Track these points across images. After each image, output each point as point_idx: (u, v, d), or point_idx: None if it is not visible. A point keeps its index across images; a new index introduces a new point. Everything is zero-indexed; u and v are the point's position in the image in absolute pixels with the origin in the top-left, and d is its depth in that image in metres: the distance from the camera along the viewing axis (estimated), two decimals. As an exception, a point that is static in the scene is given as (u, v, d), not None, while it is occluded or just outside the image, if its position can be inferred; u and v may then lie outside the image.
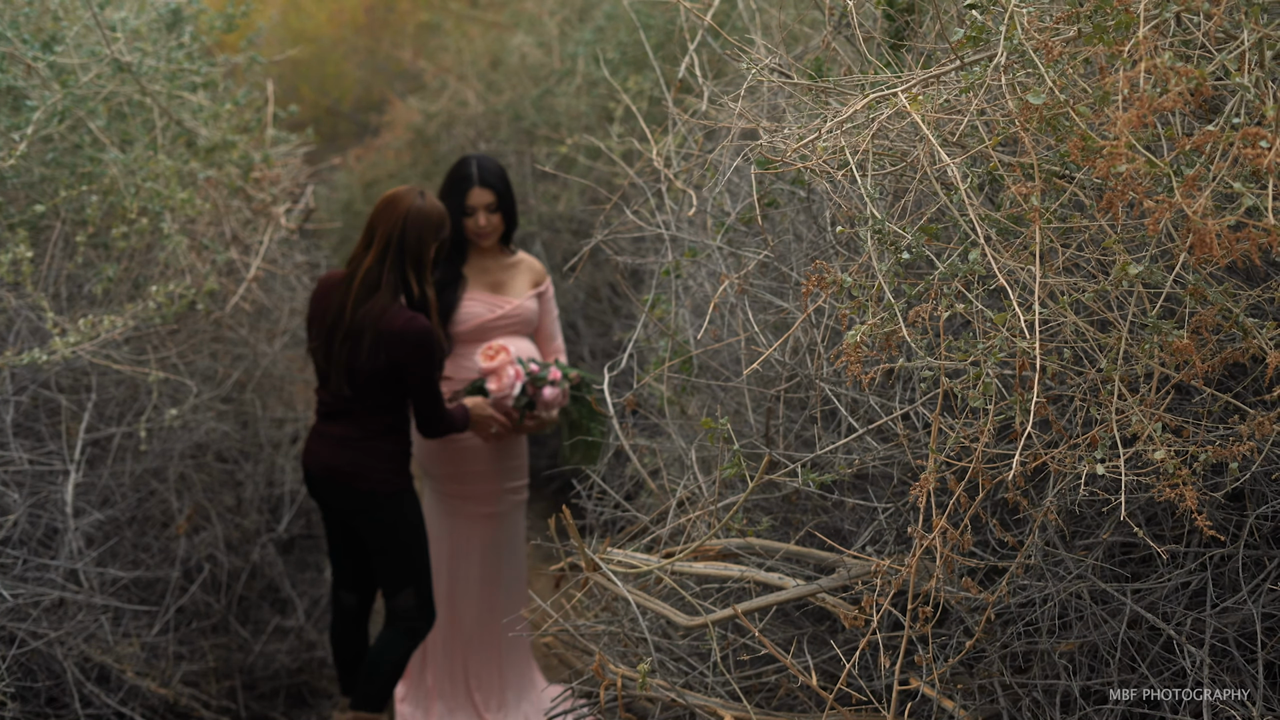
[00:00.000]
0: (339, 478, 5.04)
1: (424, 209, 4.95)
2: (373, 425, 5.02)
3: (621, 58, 7.94)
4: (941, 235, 3.40)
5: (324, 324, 4.96)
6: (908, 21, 4.04)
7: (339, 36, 13.22)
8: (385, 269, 4.90)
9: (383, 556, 5.13)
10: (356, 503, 5.06)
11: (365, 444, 5.02)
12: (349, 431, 5.03)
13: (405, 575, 5.14)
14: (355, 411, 5.01)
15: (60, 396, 5.25)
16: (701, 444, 4.48)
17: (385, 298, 4.88)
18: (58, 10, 5.46)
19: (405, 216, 4.92)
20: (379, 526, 5.08)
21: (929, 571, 3.42)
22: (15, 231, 5.14)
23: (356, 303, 4.89)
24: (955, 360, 3.14)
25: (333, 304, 4.94)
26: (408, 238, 4.91)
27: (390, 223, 4.92)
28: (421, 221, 4.94)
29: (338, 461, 5.03)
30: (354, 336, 4.88)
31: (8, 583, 4.80)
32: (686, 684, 3.92)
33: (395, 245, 4.90)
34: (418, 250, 4.94)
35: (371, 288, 4.89)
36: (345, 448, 5.03)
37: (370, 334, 4.86)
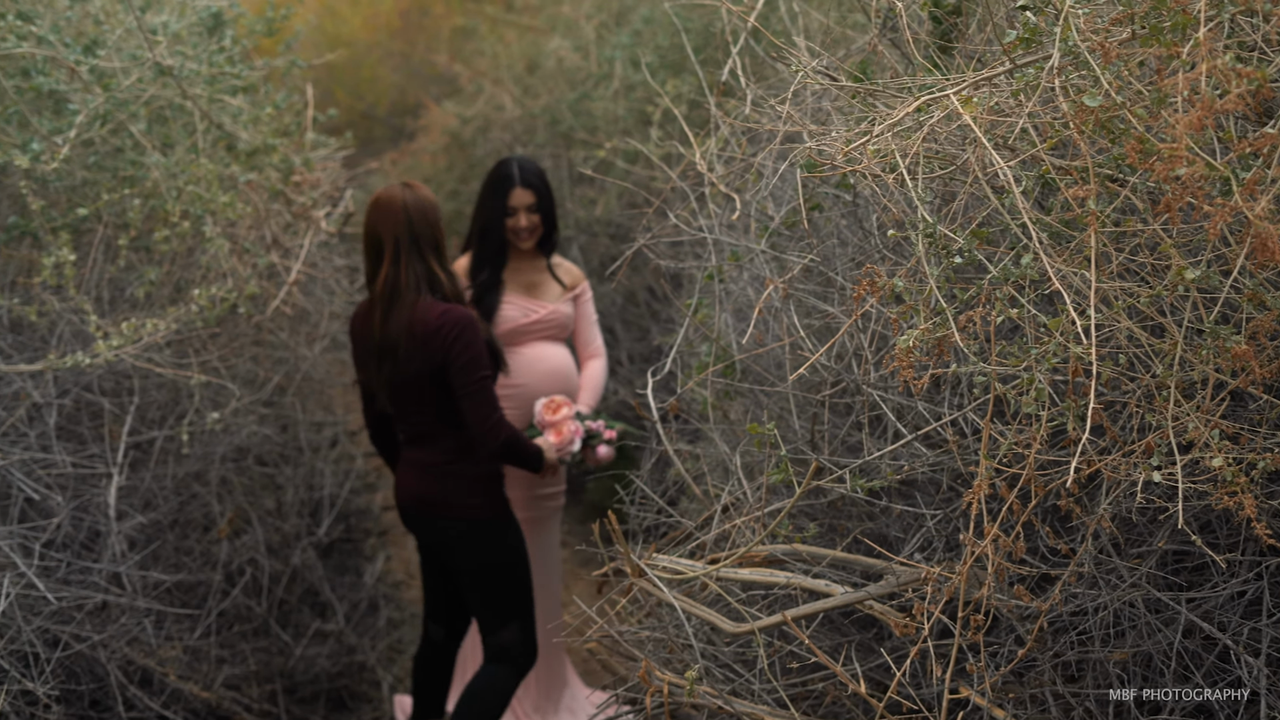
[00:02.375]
0: (426, 508, 4.88)
1: (420, 197, 4.79)
2: (449, 446, 4.84)
3: (659, 61, 7.93)
4: (992, 239, 3.37)
5: (366, 349, 4.84)
6: (955, 23, 4.01)
7: (374, 41, 13.25)
8: (402, 270, 4.72)
9: (479, 591, 4.93)
10: (446, 533, 4.89)
11: (447, 468, 4.85)
12: (429, 457, 4.86)
13: (506, 610, 4.94)
14: (432, 433, 4.85)
15: (103, 399, 5.26)
16: (745, 449, 4.45)
17: (409, 299, 4.71)
18: (99, 14, 5.48)
19: (406, 210, 4.74)
20: (472, 559, 4.88)
21: (980, 579, 3.39)
22: (58, 235, 5.15)
23: (384, 315, 4.74)
24: (1007, 366, 3.10)
25: (368, 331, 4.82)
26: (417, 229, 4.75)
27: (394, 223, 4.75)
28: (424, 209, 4.78)
29: (422, 490, 4.88)
30: (390, 350, 4.73)
31: (52, 585, 4.80)
32: (733, 691, 3.90)
33: (408, 242, 4.73)
34: (432, 238, 4.78)
35: (392, 295, 4.73)
36: (428, 474, 4.87)
37: (405, 339, 4.70)
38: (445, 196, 10.10)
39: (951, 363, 3.34)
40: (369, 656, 6.18)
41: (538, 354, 5.55)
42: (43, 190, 5.27)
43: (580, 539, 7.55)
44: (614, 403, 7.79)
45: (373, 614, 6.41)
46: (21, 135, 5.12)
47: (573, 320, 5.69)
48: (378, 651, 6.24)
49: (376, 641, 6.27)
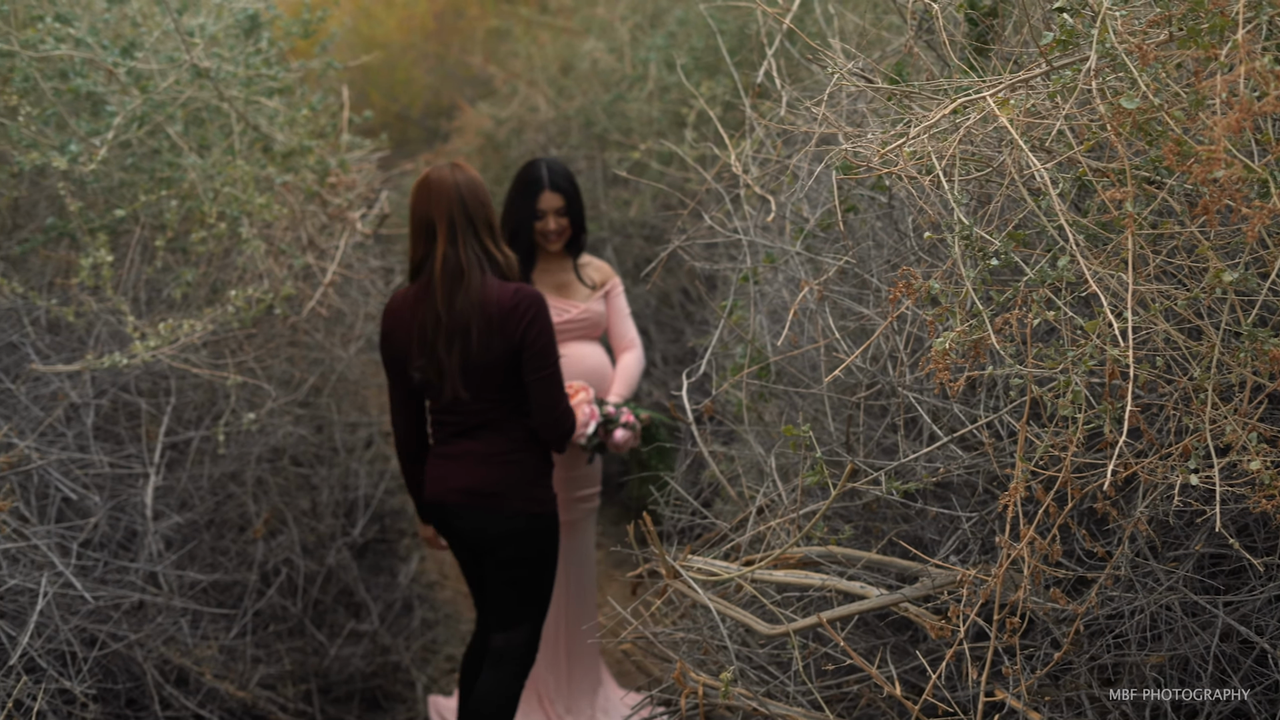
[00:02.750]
0: (480, 501, 4.72)
1: (470, 176, 4.71)
2: (515, 434, 4.72)
3: (694, 63, 7.93)
4: (1028, 241, 3.36)
5: (425, 337, 4.65)
6: (990, 25, 4.00)
7: (409, 43, 13.27)
8: (460, 250, 4.62)
9: (512, 588, 4.81)
10: (499, 527, 4.73)
11: (511, 457, 4.73)
12: (490, 446, 4.71)
13: (529, 610, 4.84)
14: (493, 421, 4.71)
15: (140, 400, 5.29)
16: (780, 451, 4.45)
17: (474, 279, 4.59)
18: (136, 16, 5.51)
19: (458, 189, 4.66)
20: (520, 554, 4.77)
21: (1016, 582, 3.38)
22: (95, 236, 5.18)
23: (448, 296, 4.59)
24: (1044, 368, 3.10)
25: (424, 315, 4.65)
26: (470, 208, 4.66)
27: (446, 203, 4.65)
28: (474, 187, 4.69)
29: (476, 482, 4.71)
30: (460, 332, 4.59)
31: (89, 585, 4.83)
32: (767, 693, 3.90)
33: (462, 221, 4.64)
34: (486, 216, 4.69)
35: (455, 275, 4.60)
36: (487, 465, 4.72)
37: (478, 320, 4.58)
38: (479, 198, 10.11)
39: (987, 365, 3.33)
40: (403, 657, 6.20)
41: (572, 354, 5.55)
42: (80, 191, 5.31)
43: (614, 540, 7.56)
44: (648, 403, 7.79)
45: (407, 614, 6.43)
46: (59, 137, 5.15)
47: (605, 318, 5.69)
48: (412, 652, 6.26)
49: (411, 642, 6.28)
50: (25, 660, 4.61)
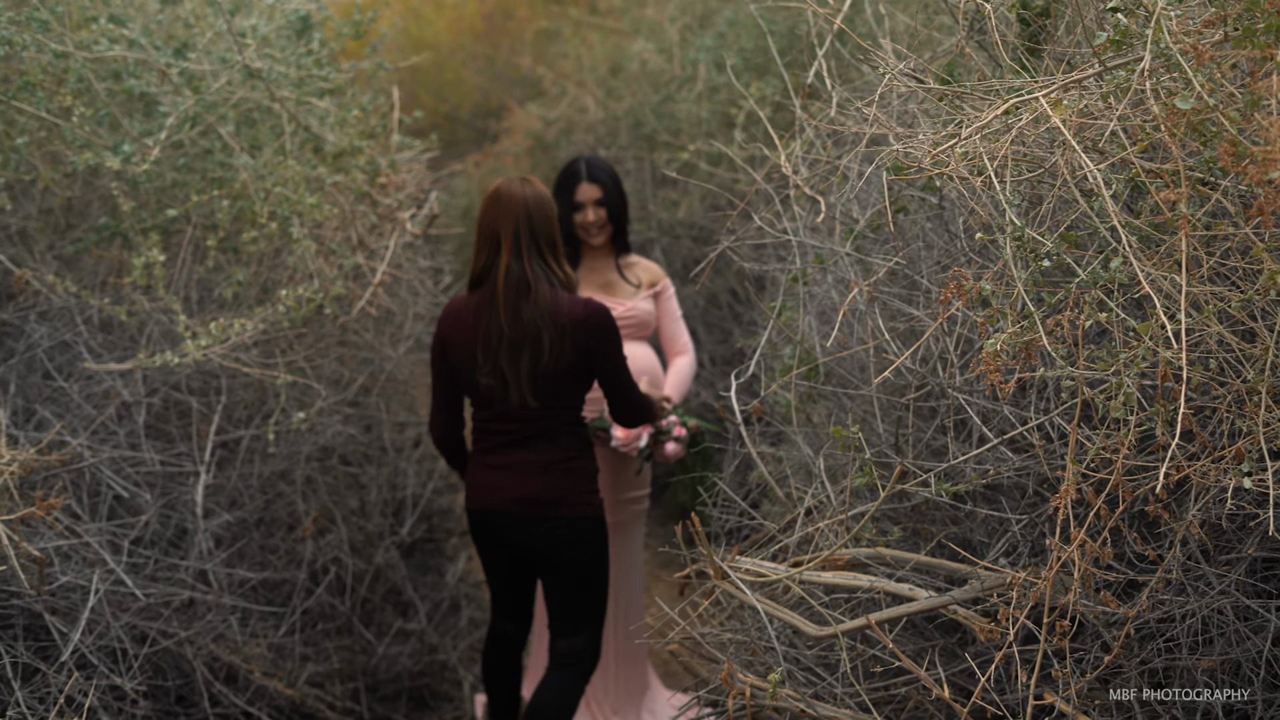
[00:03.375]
0: (539, 508, 4.73)
1: (537, 192, 4.73)
2: (568, 442, 4.75)
3: (743, 64, 7.92)
4: (1080, 243, 3.35)
5: (488, 345, 4.68)
6: (1043, 25, 3.99)
7: (458, 44, 13.31)
8: (525, 264, 4.65)
9: (575, 594, 4.85)
10: (558, 533, 4.75)
11: (569, 464, 4.76)
12: (548, 455, 4.74)
13: (591, 615, 4.88)
14: (550, 430, 4.74)
15: (191, 399, 5.32)
16: (829, 452, 4.44)
17: (543, 291, 4.63)
18: (189, 18, 5.54)
19: (526, 205, 4.68)
20: (581, 558, 4.80)
21: (1066, 585, 3.36)
22: (148, 235, 5.22)
23: (510, 307, 4.62)
24: (1096, 370, 3.08)
25: (489, 325, 4.68)
26: (535, 224, 4.68)
27: (512, 217, 4.67)
28: (541, 204, 4.71)
29: (534, 491, 4.73)
30: (530, 341, 4.62)
31: (140, 582, 4.86)
32: (815, 694, 3.89)
33: (527, 236, 4.66)
34: (549, 233, 4.71)
35: (519, 287, 4.63)
36: (546, 473, 4.74)
37: (550, 330, 4.62)
38: (528, 199, 10.12)
39: (1039, 367, 3.31)
40: (450, 656, 6.21)
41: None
42: (133, 191, 5.34)
43: (661, 541, 7.55)
44: (696, 404, 7.79)
45: (454, 614, 6.44)
46: (113, 137, 5.19)
47: (654, 318, 5.69)
48: (459, 651, 6.27)
49: (458, 641, 6.30)
50: (77, 656, 4.65)
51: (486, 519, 4.85)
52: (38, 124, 5.23)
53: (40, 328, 5.23)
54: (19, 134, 5.20)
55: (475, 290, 4.77)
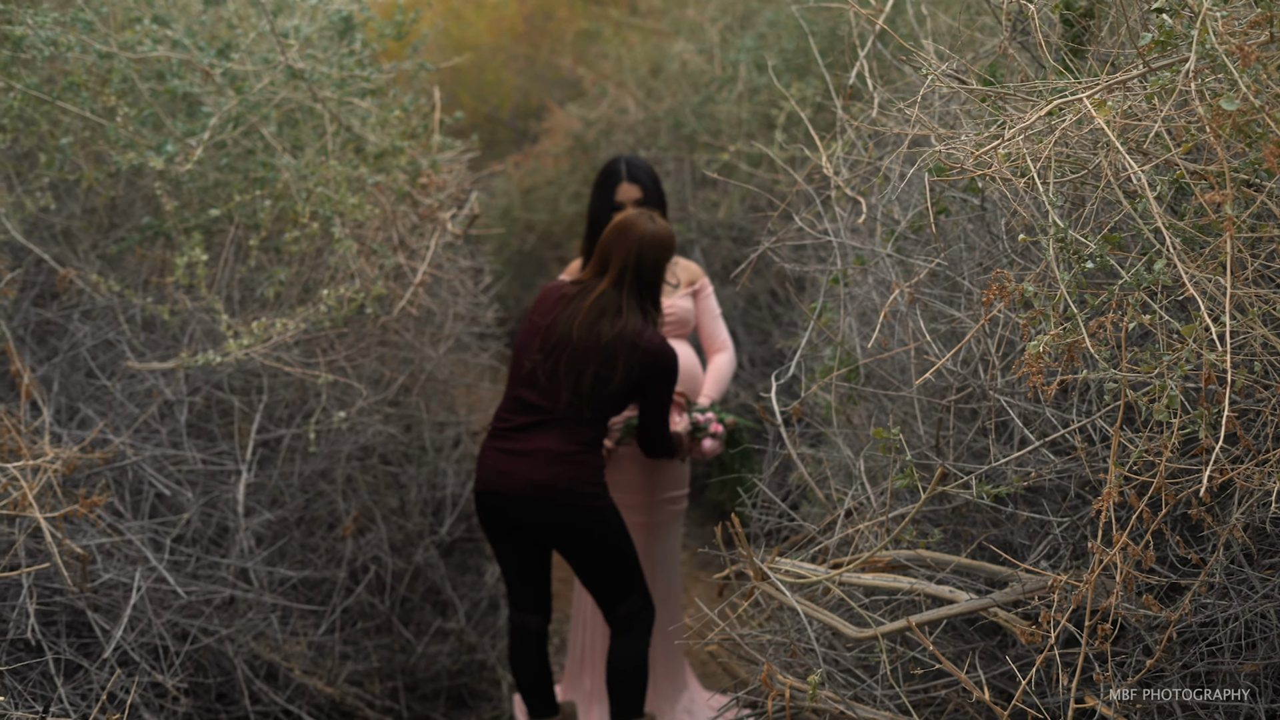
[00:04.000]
0: (554, 495, 4.90)
1: (657, 233, 4.99)
2: (584, 435, 4.93)
3: (784, 64, 7.90)
4: (1124, 244, 3.33)
5: (550, 339, 4.94)
6: (1087, 26, 3.97)
7: (498, 44, 13.30)
8: (624, 294, 4.93)
9: (604, 570, 5.04)
10: (572, 520, 4.93)
11: (578, 457, 4.91)
12: (562, 444, 4.91)
13: (628, 582, 5.06)
14: (565, 424, 4.93)
15: (233, 397, 5.34)
16: (869, 454, 4.43)
17: (634, 320, 4.91)
18: (232, 18, 5.57)
19: (640, 242, 4.96)
20: (598, 540, 4.98)
21: (1107, 588, 3.35)
22: (190, 235, 5.24)
23: (587, 324, 4.88)
24: (1139, 372, 3.07)
25: (560, 319, 4.95)
26: (644, 263, 4.96)
27: (625, 249, 4.95)
28: (656, 245, 4.98)
29: (549, 478, 4.89)
30: (602, 359, 4.86)
31: (181, 580, 4.89)
32: (854, 696, 3.88)
33: (633, 270, 4.94)
34: (654, 275, 4.99)
35: (609, 310, 4.90)
36: (558, 461, 4.90)
37: (627, 353, 4.86)
38: (568, 199, 10.13)
39: (1081, 369, 3.30)
40: (489, 655, 6.22)
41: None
42: (176, 191, 5.37)
43: (700, 541, 7.54)
44: (735, 405, 7.78)
45: (493, 613, 6.45)
46: (156, 137, 5.22)
47: (693, 316, 5.70)
48: (498, 651, 6.28)
49: (497, 641, 6.30)
50: (119, 653, 4.68)
51: (495, 501, 5.00)
52: (82, 124, 5.27)
53: (84, 326, 5.26)
54: (64, 134, 5.24)
55: (574, 280, 5.10)
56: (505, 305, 9.42)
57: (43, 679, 4.47)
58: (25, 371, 4.81)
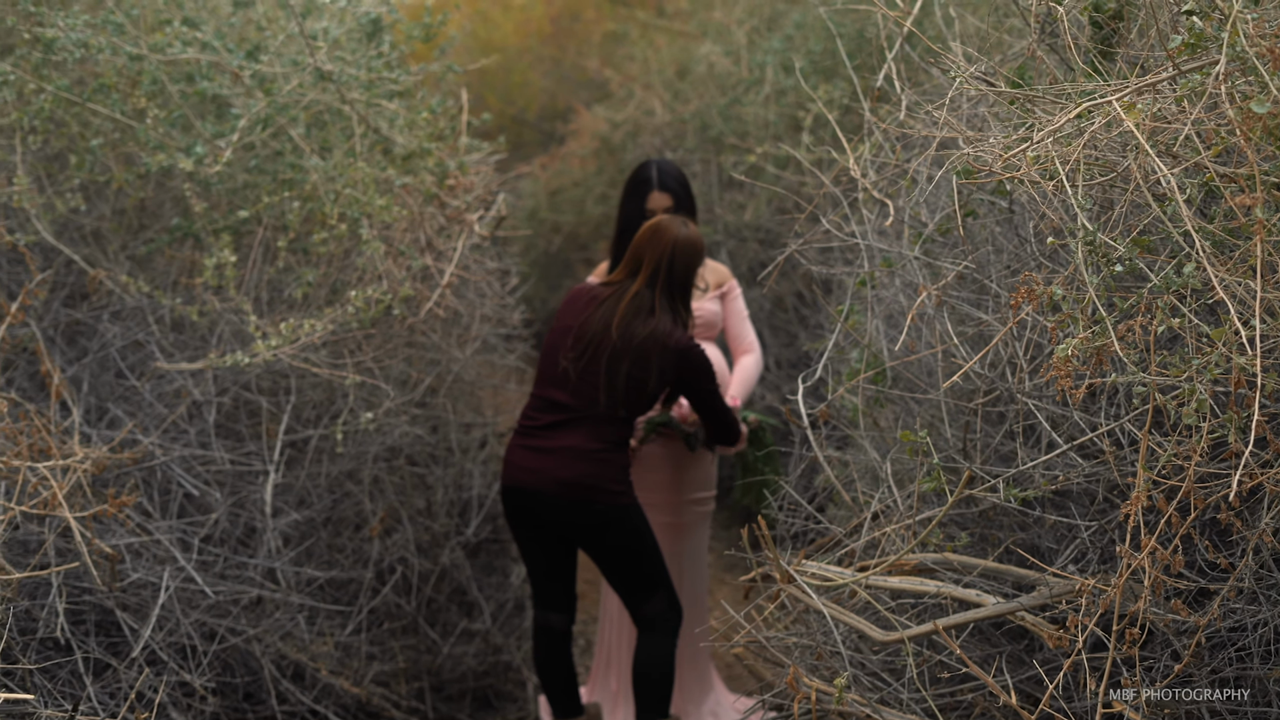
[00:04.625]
0: (580, 493, 4.93)
1: (690, 237, 5.03)
2: (609, 433, 4.96)
3: (811, 66, 7.89)
4: (1153, 247, 3.32)
5: (584, 339, 4.96)
6: (1116, 28, 3.96)
7: (525, 46, 13.31)
8: (656, 295, 4.97)
9: (629, 569, 5.06)
10: (597, 517, 4.96)
11: (605, 455, 4.95)
12: (589, 442, 4.95)
13: (653, 580, 5.07)
14: (592, 423, 4.96)
15: (261, 398, 5.36)
16: (896, 457, 4.42)
17: (665, 321, 4.94)
18: (261, 20, 5.58)
19: (674, 245, 4.99)
20: (623, 539, 5.00)
21: (1136, 592, 3.34)
22: (219, 236, 5.26)
23: (624, 324, 4.92)
24: (1168, 376, 3.06)
25: (594, 319, 4.98)
26: (676, 265, 4.99)
27: (658, 251, 4.99)
28: (689, 249, 5.01)
29: (575, 475, 4.93)
30: (635, 359, 4.90)
31: (209, 580, 4.91)
32: (881, 700, 3.88)
33: (664, 272, 4.98)
34: (685, 277, 5.02)
35: (642, 311, 4.94)
36: (586, 459, 4.94)
37: (659, 353, 4.90)
38: (595, 201, 10.14)
39: (1110, 372, 3.29)
40: (514, 657, 6.23)
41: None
42: (205, 193, 5.39)
43: (726, 544, 7.54)
44: (761, 407, 7.78)
45: (519, 615, 6.45)
46: (185, 139, 5.24)
47: (720, 318, 5.70)
48: (523, 652, 6.28)
49: (522, 642, 6.31)
50: (147, 653, 4.70)
51: (522, 498, 5.03)
52: (112, 126, 5.29)
53: (113, 327, 5.28)
54: (94, 135, 5.26)
55: (603, 281, 5.14)
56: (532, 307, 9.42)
57: (72, 678, 4.49)
58: (55, 372, 4.83)
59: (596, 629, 6.24)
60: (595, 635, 6.23)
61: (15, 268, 5.30)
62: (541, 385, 5.05)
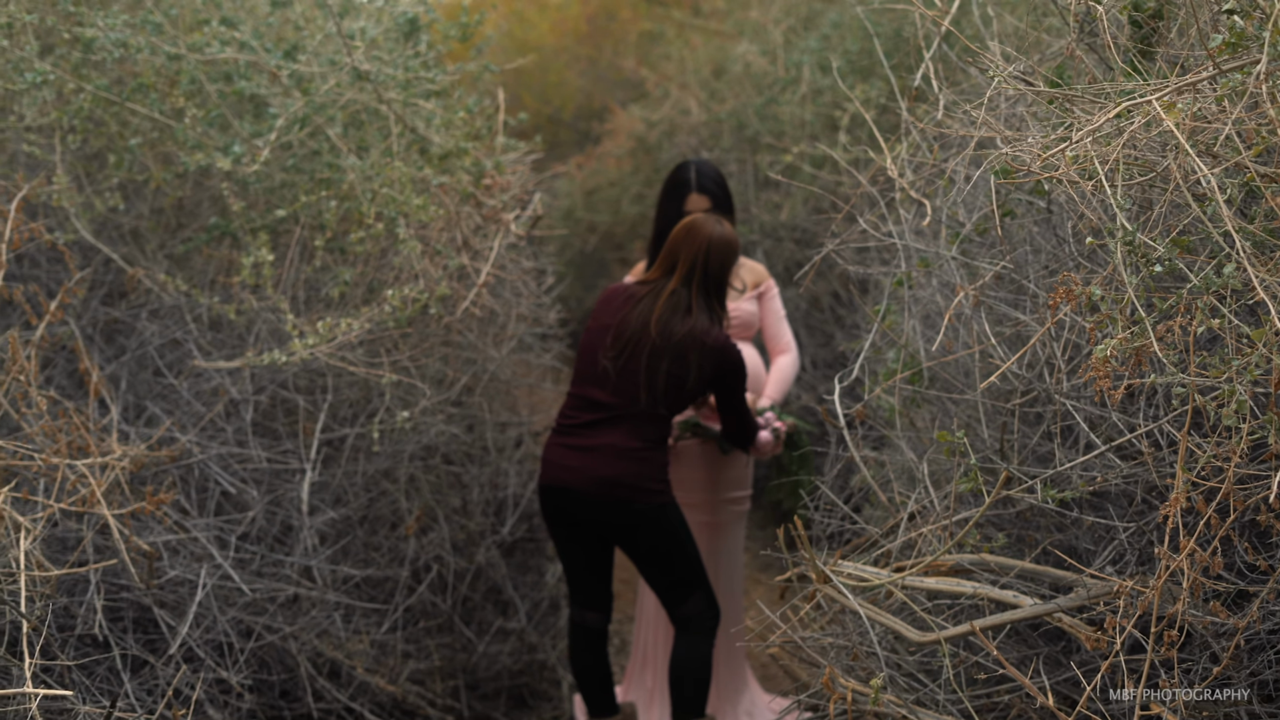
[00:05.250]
0: (619, 491, 4.92)
1: (725, 236, 5.03)
2: (650, 432, 4.96)
3: (848, 66, 7.88)
4: (1192, 248, 3.31)
5: (623, 337, 4.97)
6: (1155, 27, 3.94)
7: (561, 46, 13.33)
8: (692, 293, 4.98)
9: (667, 568, 5.05)
10: (636, 516, 4.95)
11: (644, 453, 4.95)
12: (628, 440, 4.95)
13: (691, 580, 5.06)
14: (631, 421, 4.97)
15: (298, 396, 5.38)
16: (932, 457, 4.41)
17: (703, 320, 4.95)
18: (299, 20, 5.60)
19: (709, 244, 5.00)
20: (661, 538, 4.99)
21: (1174, 594, 3.32)
22: (257, 235, 5.28)
23: (661, 322, 4.92)
24: (1207, 377, 3.04)
25: (632, 318, 4.98)
26: (711, 264, 4.99)
27: (693, 249, 5.00)
28: (724, 248, 5.01)
29: (615, 473, 4.92)
30: (674, 357, 4.90)
31: (246, 577, 4.92)
32: (917, 701, 3.87)
33: (700, 271, 4.98)
34: (720, 276, 5.02)
35: (680, 309, 4.94)
36: (625, 458, 4.94)
37: (698, 351, 4.90)
38: (630, 200, 10.14)
39: (1149, 373, 3.28)
40: (549, 655, 6.23)
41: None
42: (243, 192, 5.41)
43: (761, 544, 7.53)
44: (797, 407, 7.76)
45: (554, 613, 6.46)
46: (223, 138, 5.26)
47: (757, 318, 5.69)
48: (558, 651, 6.29)
49: (557, 641, 6.32)
50: (184, 650, 4.72)
51: (560, 496, 5.02)
52: (150, 125, 5.32)
53: (151, 325, 5.31)
54: (132, 135, 5.29)
55: (639, 280, 5.15)
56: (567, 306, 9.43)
57: (110, 674, 4.51)
58: (94, 370, 4.86)
59: (632, 629, 6.24)
60: (630, 635, 6.23)
61: (54, 266, 5.33)
62: (580, 384, 5.05)
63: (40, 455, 4.38)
